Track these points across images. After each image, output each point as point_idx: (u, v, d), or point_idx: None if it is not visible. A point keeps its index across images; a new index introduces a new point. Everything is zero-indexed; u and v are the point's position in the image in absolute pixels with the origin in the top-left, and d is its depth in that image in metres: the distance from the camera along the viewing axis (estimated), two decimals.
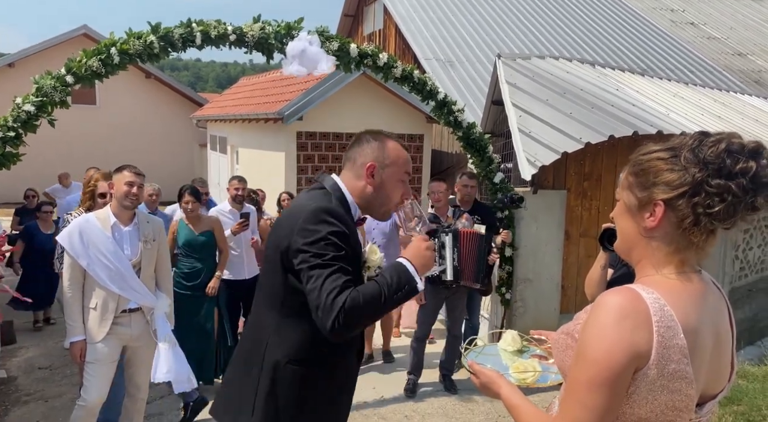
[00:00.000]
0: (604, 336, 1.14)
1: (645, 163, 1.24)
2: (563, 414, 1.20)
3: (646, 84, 8.07)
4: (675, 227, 1.19)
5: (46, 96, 3.65)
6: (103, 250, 3.17)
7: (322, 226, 1.70)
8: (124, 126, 16.76)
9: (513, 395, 1.36)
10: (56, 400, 4.40)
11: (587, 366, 1.15)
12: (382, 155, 1.90)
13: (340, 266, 1.65)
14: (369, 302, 1.61)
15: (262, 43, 4.24)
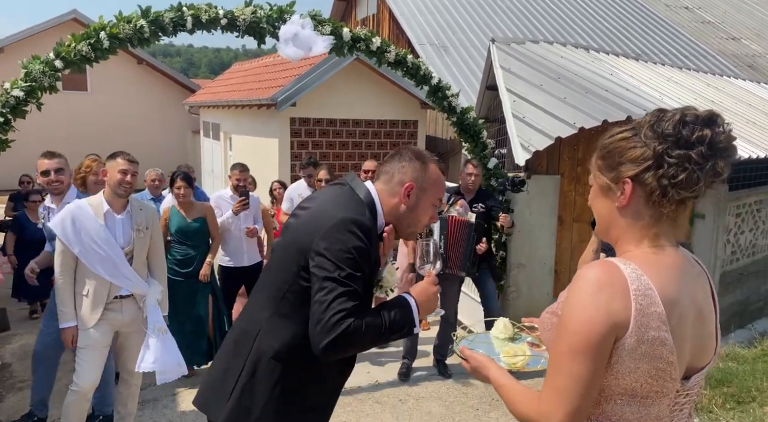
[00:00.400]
0: (582, 306, 1.18)
1: (610, 145, 1.30)
2: (547, 386, 1.24)
3: (640, 69, 8.06)
4: (645, 202, 1.25)
5: (35, 81, 3.61)
6: (95, 237, 3.15)
7: (349, 238, 1.67)
8: (116, 112, 16.62)
9: (501, 376, 1.40)
10: None
11: (568, 336, 1.20)
12: (422, 176, 1.85)
13: (354, 288, 1.63)
14: (368, 335, 1.62)
15: (254, 27, 4.20)
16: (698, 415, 4.14)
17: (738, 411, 4.19)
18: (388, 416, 4.11)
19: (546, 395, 1.23)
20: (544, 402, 1.22)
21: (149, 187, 5.10)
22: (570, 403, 1.18)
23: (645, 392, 1.21)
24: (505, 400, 1.34)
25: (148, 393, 4.29)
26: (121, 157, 3.23)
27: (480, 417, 4.14)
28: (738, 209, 6.13)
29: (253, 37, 4.38)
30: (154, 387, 4.36)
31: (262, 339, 1.78)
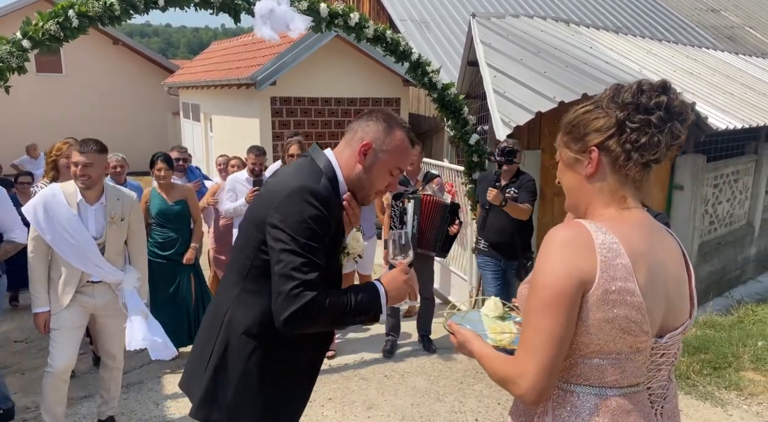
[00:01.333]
0: (549, 262, 1.25)
1: (574, 119, 1.37)
2: (521, 345, 1.29)
3: (620, 41, 8.05)
4: (611, 167, 1.31)
5: (2, 62, 3.50)
6: (67, 226, 3.09)
7: (305, 207, 1.63)
8: (93, 95, 16.26)
9: (483, 348, 1.43)
10: (33, 372, 4.37)
11: (536, 292, 1.25)
12: (383, 138, 1.79)
13: (313, 258, 1.60)
14: (330, 311, 1.61)
15: (228, 4, 4.11)
16: (676, 381, 4.24)
17: (714, 376, 4.30)
18: (374, 392, 4.16)
19: (519, 353, 1.27)
20: (518, 361, 1.27)
21: (111, 174, 4.72)
22: (542, 357, 1.22)
23: (619, 348, 1.24)
24: (487, 369, 1.37)
25: (133, 376, 4.29)
26: (74, 147, 3.08)
27: (464, 390, 4.20)
28: (716, 180, 6.21)
29: (228, 14, 4.29)
30: (139, 370, 4.37)
31: (232, 317, 1.77)
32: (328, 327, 1.70)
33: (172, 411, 3.87)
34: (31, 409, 3.86)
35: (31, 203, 3.17)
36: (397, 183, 1.98)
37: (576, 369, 1.27)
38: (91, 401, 3.92)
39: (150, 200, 4.46)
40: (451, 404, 4.01)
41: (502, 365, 1.32)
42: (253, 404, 1.78)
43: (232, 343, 1.76)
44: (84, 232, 3.11)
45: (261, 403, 1.78)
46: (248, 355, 1.75)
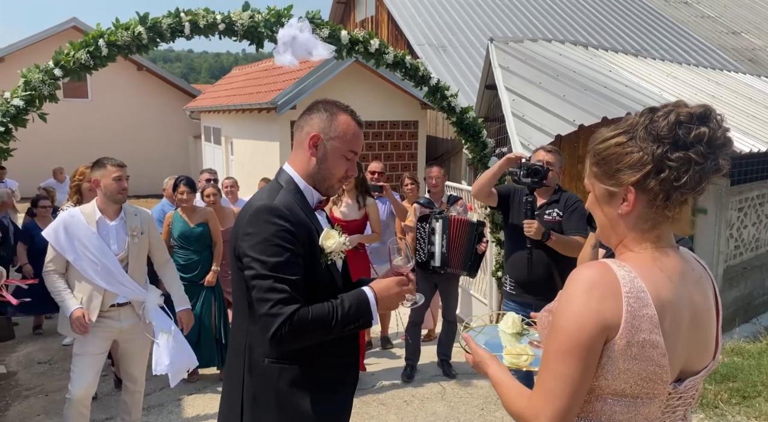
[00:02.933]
0: (573, 305, 1.18)
1: (603, 151, 1.26)
2: (538, 384, 1.23)
3: (639, 65, 8.05)
4: (648, 206, 1.22)
5: (35, 90, 3.62)
6: (88, 245, 3.15)
7: (264, 227, 1.65)
8: (118, 119, 16.66)
9: (499, 373, 1.40)
10: (57, 394, 4.41)
11: (557, 336, 1.20)
12: (328, 126, 1.80)
13: (284, 276, 1.61)
14: (317, 322, 1.62)
15: (252, 32, 4.20)
16: (704, 410, 4.13)
17: (744, 406, 4.18)
18: (393, 417, 4.11)
19: (536, 394, 1.23)
20: (534, 401, 1.23)
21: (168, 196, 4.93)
22: (558, 403, 1.18)
23: (635, 393, 1.20)
24: (501, 398, 1.34)
25: (153, 399, 4.30)
26: (110, 164, 3.20)
27: (485, 417, 4.13)
28: (740, 204, 6.11)
29: (251, 42, 4.38)
30: (159, 393, 4.38)
31: (251, 348, 1.77)
32: (318, 338, 1.68)
33: None
34: None
35: (51, 226, 3.25)
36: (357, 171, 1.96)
37: (588, 405, 1.24)
38: None
39: (172, 222, 4.53)
40: None
41: (517, 399, 1.29)
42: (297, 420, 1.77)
43: (260, 373, 1.76)
44: (105, 249, 3.18)
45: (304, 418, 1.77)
46: (276, 379, 1.75)
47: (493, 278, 5.42)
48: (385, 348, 5.42)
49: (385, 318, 5.57)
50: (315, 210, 1.86)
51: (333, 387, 1.84)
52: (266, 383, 1.75)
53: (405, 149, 10.66)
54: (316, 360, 1.77)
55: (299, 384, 1.75)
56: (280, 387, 1.74)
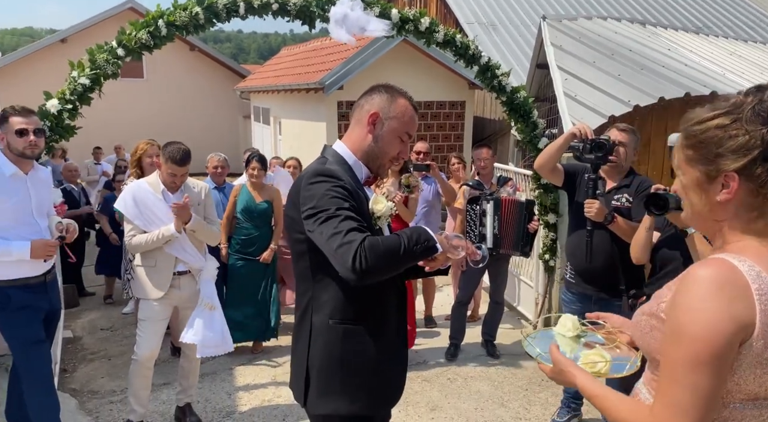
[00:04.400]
0: (701, 309, 1.07)
1: (701, 134, 1.16)
2: (663, 399, 1.12)
3: (700, 43, 7.70)
4: (753, 195, 1.12)
5: (99, 69, 3.79)
6: (156, 212, 3.34)
7: (320, 186, 1.72)
8: (170, 99, 17.15)
9: (592, 384, 1.29)
10: (118, 358, 4.69)
11: (686, 344, 1.08)
12: (388, 106, 1.89)
13: (349, 215, 1.67)
14: (389, 247, 1.63)
15: (304, 11, 4.26)
16: None
17: None
18: (437, 394, 4.17)
19: (661, 409, 1.11)
20: (659, 418, 1.11)
21: (211, 174, 5.00)
22: (692, 416, 1.07)
23: (765, 394, 1.11)
24: (605, 412, 1.23)
25: (207, 367, 4.49)
26: (170, 161, 3.27)
27: (529, 397, 4.15)
28: None
29: (302, 22, 4.44)
30: (212, 361, 4.58)
31: (317, 310, 1.85)
32: (396, 263, 1.68)
33: (243, 401, 4.04)
34: (116, 392, 4.13)
35: (120, 196, 3.46)
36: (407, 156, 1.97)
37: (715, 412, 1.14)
38: (170, 388, 4.15)
39: (239, 195, 4.69)
40: (515, 410, 3.97)
41: (633, 415, 1.17)
42: (363, 380, 1.85)
43: (325, 334, 1.84)
44: (170, 214, 3.32)
45: (370, 377, 1.86)
46: (342, 339, 1.82)
47: (540, 261, 5.37)
48: (429, 327, 5.48)
49: (429, 297, 5.62)
50: (364, 185, 1.92)
51: (394, 347, 1.93)
52: (331, 343, 1.83)
53: (451, 130, 10.57)
54: (377, 321, 1.86)
55: (363, 344, 1.83)
56: (345, 347, 1.82)
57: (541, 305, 5.39)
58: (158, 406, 3.93)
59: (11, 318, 2.94)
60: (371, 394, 1.88)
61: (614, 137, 3.20)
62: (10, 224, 2.88)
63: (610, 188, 3.28)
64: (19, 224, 2.92)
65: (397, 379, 1.99)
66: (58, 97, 3.83)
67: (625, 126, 3.31)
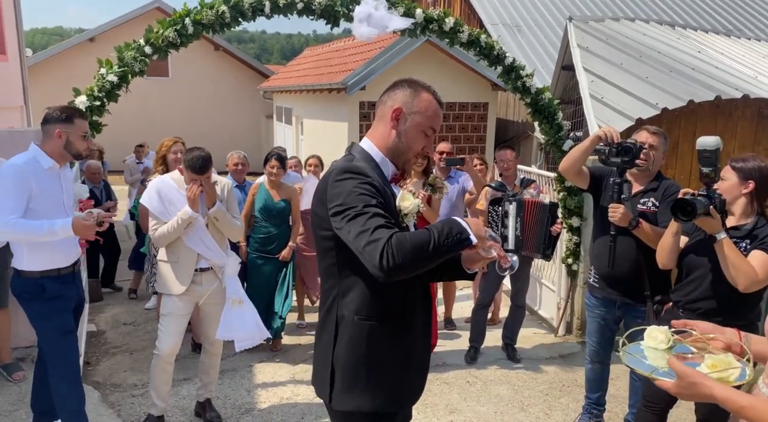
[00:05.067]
0: None
1: None
2: None
3: (731, 45, 7.53)
4: None
5: (127, 66, 3.84)
6: (179, 205, 3.36)
7: (346, 182, 1.72)
8: (195, 97, 17.35)
9: (737, 394, 1.24)
10: (140, 353, 4.74)
11: None
12: (411, 101, 1.87)
13: (375, 212, 1.65)
14: (417, 243, 1.60)
15: (329, 11, 4.26)
16: None
17: None
18: (456, 396, 4.14)
19: None
20: None
21: (231, 172, 5.04)
22: None
23: None
24: None
25: (227, 364, 4.52)
26: (189, 169, 3.27)
27: (550, 402, 4.09)
28: None
29: (327, 21, 4.44)
30: (232, 358, 4.61)
31: (343, 307, 1.85)
32: (424, 260, 1.64)
33: (262, 398, 4.06)
34: (138, 386, 4.18)
35: (146, 192, 3.50)
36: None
37: None
38: (190, 383, 4.18)
39: (257, 193, 4.72)
40: (536, 415, 3.91)
41: None
42: (386, 377, 1.85)
43: (350, 330, 1.83)
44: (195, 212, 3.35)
45: (394, 374, 1.86)
46: (366, 336, 1.82)
47: (563, 265, 5.30)
48: (449, 330, 5.44)
49: (449, 299, 5.58)
50: (391, 182, 1.91)
51: (418, 345, 1.93)
52: (357, 339, 1.83)
53: (474, 132, 10.52)
54: (402, 318, 1.86)
55: (388, 341, 1.84)
56: (370, 344, 1.82)
57: (563, 309, 5.32)
58: (178, 401, 3.97)
59: (45, 307, 3.02)
60: (394, 392, 1.88)
61: (644, 139, 3.15)
62: (49, 213, 2.97)
63: (636, 192, 3.23)
64: (56, 214, 3.01)
65: (419, 378, 1.99)
66: (87, 94, 3.89)
67: (655, 129, 3.25)
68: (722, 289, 2.62)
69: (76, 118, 3.04)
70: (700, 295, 2.73)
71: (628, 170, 3.12)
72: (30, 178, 2.91)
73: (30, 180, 2.90)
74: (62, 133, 2.99)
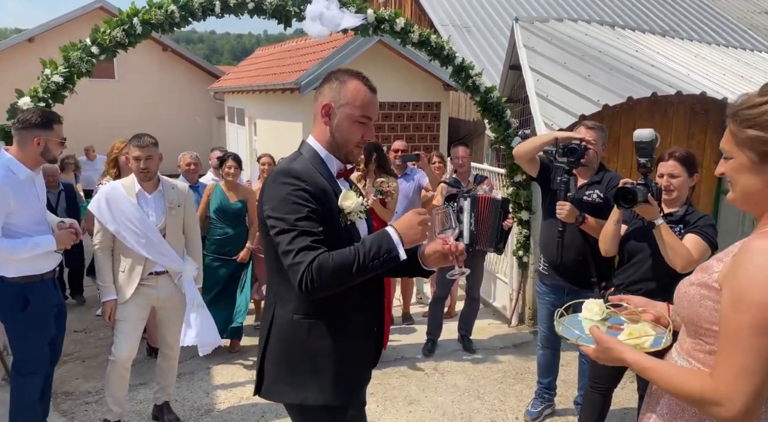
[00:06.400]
0: (762, 278, 1.14)
1: (759, 117, 1.21)
2: (725, 365, 1.17)
3: (667, 45, 7.93)
4: None
5: (73, 67, 3.76)
6: (129, 216, 3.29)
7: (281, 188, 1.73)
8: (143, 99, 16.89)
9: (642, 358, 1.35)
10: (93, 360, 4.63)
11: (753, 311, 1.14)
12: (338, 94, 1.85)
13: (304, 229, 1.68)
14: (339, 265, 1.65)
15: (280, 10, 4.28)
16: None
17: None
18: (414, 388, 4.23)
19: (724, 375, 1.16)
20: (723, 383, 1.16)
21: (184, 172, 5.00)
22: (755, 383, 1.13)
23: None
24: (661, 383, 1.29)
25: (184, 367, 4.47)
26: (133, 143, 3.29)
27: (504, 390, 4.23)
28: None
29: (278, 21, 4.45)
30: (189, 361, 4.56)
31: (281, 305, 1.87)
32: (348, 279, 1.70)
33: (221, 399, 4.04)
34: (92, 393, 4.09)
35: (94, 199, 3.40)
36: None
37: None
38: (146, 388, 4.12)
39: (212, 195, 4.67)
40: (491, 402, 4.05)
41: (693, 383, 1.22)
42: (325, 372, 1.85)
43: (289, 329, 1.86)
44: (145, 219, 3.31)
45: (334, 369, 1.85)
46: (306, 334, 1.84)
47: (514, 257, 5.48)
48: (407, 324, 5.53)
49: (407, 295, 5.68)
50: (338, 178, 1.92)
51: (358, 342, 1.92)
52: (296, 338, 1.85)
53: (427, 131, 10.68)
54: (342, 316, 1.85)
55: (327, 340, 1.83)
56: (309, 342, 1.83)
57: (516, 300, 5.49)
58: (135, 406, 3.91)
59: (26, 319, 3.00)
60: (336, 385, 1.86)
61: (582, 134, 3.29)
62: (28, 224, 2.93)
63: (581, 185, 3.40)
64: (35, 223, 2.98)
65: (361, 372, 1.99)
66: (31, 95, 3.78)
67: (592, 124, 3.42)
68: (660, 270, 2.80)
69: (55, 123, 2.96)
70: (641, 277, 2.92)
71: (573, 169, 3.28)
72: (8, 194, 2.83)
73: (8, 196, 2.83)
74: (41, 140, 2.90)
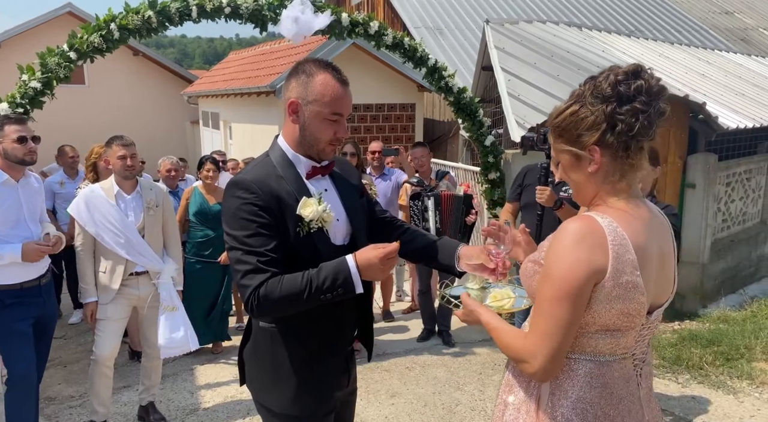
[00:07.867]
0: (566, 255, 1.33)
1: (562, 123, 1.42)
2: (534, 328, 1.39)
3: (632, 45, 8.20)
4: (613, 159, 1.39)
5: (51, 72, 3.78)
6: (109, 217, 3.35)
7: (232, 201, 1.67)
8: (115, 105, 16.67)
9: (491, 319, 1.54)
10: (74, 365, 4.63)
11: (552, 283, 1.35)
12: (305, 90, 1.70)
13: (252, 248, 1.63)
14: (288, 293, 1.61)
15: (256, 15, 4.35)
16: (689, 372, 4.37)
17: (727, 367, 4.42)
18: (397, 382, 4.34)
19: (531, 337, 1.38)
20: (530, 343, 1.38)
21: (164, 178, 5.01)
22: (553, 343, 1.34)
23: (617, 326, 1.39)
24: (497, 341, 1.49)
25: (168, 369, 4.50)
26: (116, 143, 3.38)
27: (483, 380, 4.37)
28: (728, 178, 6.31)
29: (254, 25, 4.53)
30: (173, 363, 4.60)
31: None
32: (297, 306, 1.66)
33: (206, 399, 4.09)
34: (75, 397, 4.10)
35: (73, 202, 3.44)
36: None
37: (575, 340, 1.41)
38: (130, 390, 4.15)
39: (191, 198, 4.70)
40: (471, 393, 4.18)
41: (513, 340, 1.43)
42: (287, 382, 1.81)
43: (258, 335, 1.87)
44: (124, 220, 3.36)
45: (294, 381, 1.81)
46: (270, 341, 1.81)
47: None
48: (386, 321, 5.64)
49: (387, 293, 5.78)
50: (309, 178, 1.79)
51: (319, 353, 1.83)
52: (263, 344, 1.84)
53: (402, 132, 10.81)
54: (311, 323, 1.78)
55: (288, 348, 1.79)
56: (274, 350, 1.81)
57: None
58: (120, 408, 3.93)
59: None
60: (298, 397, 1.80)
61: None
62: (3, 231, 2.91)
63: (558, 181, 3.57)
64: (12, 230, 2.95)
65: (328, 382, 1.88)
66: (8, 101, 3.79)
67: None
68: None
69: (6, 124, 2.97)
70: None
71: None
72: None
73: None
74: None
